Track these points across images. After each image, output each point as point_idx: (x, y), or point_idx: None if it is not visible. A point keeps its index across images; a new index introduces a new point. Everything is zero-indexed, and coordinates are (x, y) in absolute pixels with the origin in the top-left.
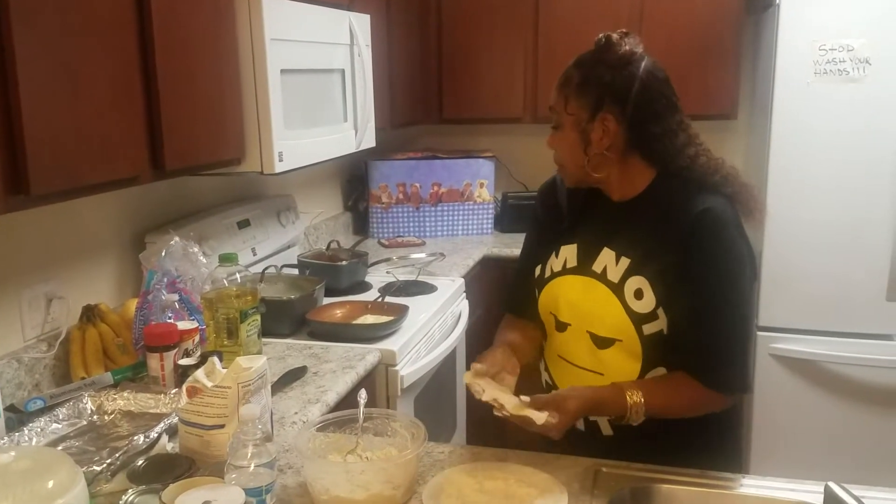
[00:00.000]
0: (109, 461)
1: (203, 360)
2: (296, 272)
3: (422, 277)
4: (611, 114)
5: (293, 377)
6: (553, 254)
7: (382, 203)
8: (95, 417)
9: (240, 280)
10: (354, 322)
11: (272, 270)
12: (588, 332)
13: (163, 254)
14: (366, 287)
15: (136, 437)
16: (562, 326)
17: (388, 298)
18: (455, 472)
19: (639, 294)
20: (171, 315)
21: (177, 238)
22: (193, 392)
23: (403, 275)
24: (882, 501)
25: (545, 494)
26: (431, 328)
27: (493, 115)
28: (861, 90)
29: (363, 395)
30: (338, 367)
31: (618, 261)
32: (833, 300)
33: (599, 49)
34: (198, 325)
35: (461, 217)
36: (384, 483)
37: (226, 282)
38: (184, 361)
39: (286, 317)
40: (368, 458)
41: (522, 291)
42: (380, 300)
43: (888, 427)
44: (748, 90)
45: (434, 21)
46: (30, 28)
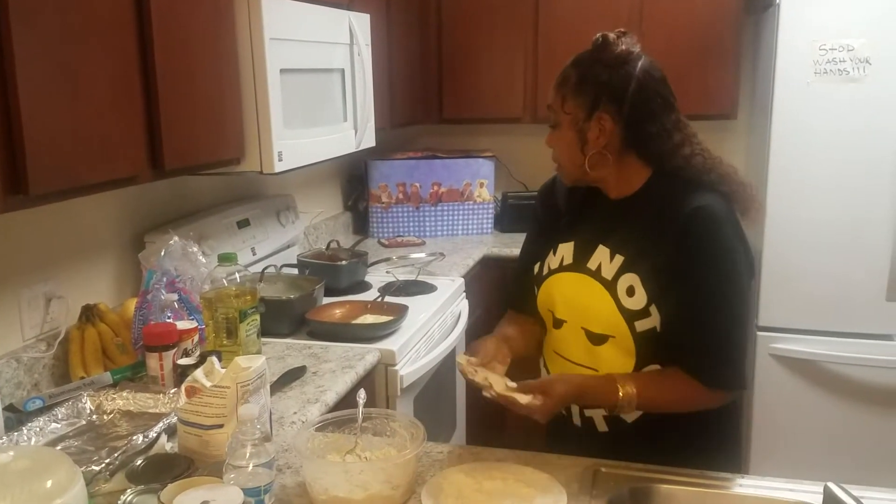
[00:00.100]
0: (108, 461)
1: (202, 360)
2: (295, 272)
3: (421, 277)
4: (607, 113)
5: (292, 377)
6: (551, 251)
7: (382, 203)
8: (94, 417)
9: (239, 280)
10: (354, 322)
11: (272, 270)
12: (583, 329)
13: (162, 253)
14: (365, 287)
15: (135, 437)
16: (558, 323)
17: (388, 298)
18: (454, 472)
19: (630, 291)
20: (171, 315)
21: (176, 238)
22: (192, 392)
23: (403, 274)
24: (881, 502)
25: (544, 494)
26: (431, 328)
27: (493, 115)
28: (861, 90)
29: (362, 395)
30: (337, 367)
31: (612, 258)
32: (833, 300)
33: (596, 48)
34: (197, 325)
35: (461, 217)
36: (383, 483)
37: (225, 281)
38: (183, 361)
39: (285, 316)
40: (367, 458)
41: (522, 288)
42: (379, 300)
43: (888, 427)
44: (748, 90)
45: (434, 21)
46: (29, 28)
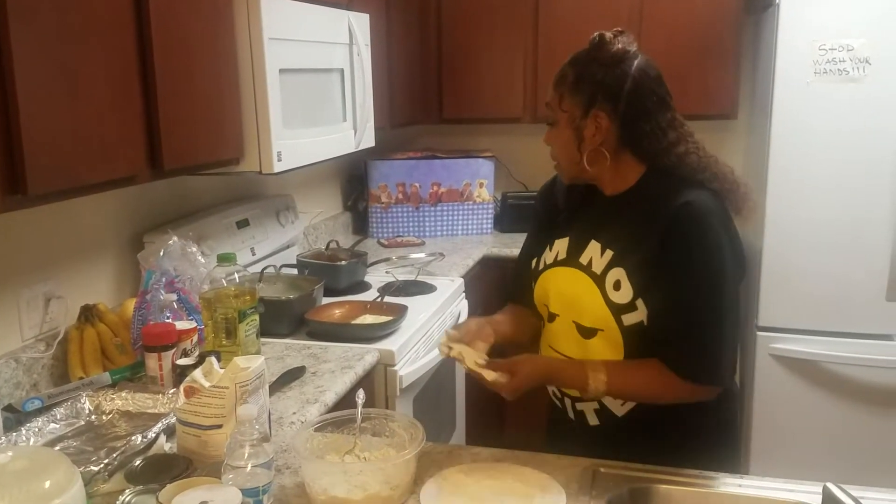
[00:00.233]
0: (107, 461)
1: (201, 360)
2: (295, 272)
3: (421, 277)
4: (603, 111)
5: (291, 377)
6: (548, 247)
7: (382, 203)
8: (93, 417)
9: (238, 280)
10: (353, 322)
11: (271, 270)
12: (574, 323)
13: (161, 253)
14: (365, 287)
15: (134, 437)
16: (552, 317)
17: (388, 298)
18: (453, 472)
19: (617, 285)
20: (170, 315)
21: (175, 238)
22: (191, 392)
23: (403, 275)
24: (880, 502)
25: (543, 494)
26: (430, 328)
27: (493, 115)
28: (861, 90)
29: (361, 396)
30: (336, 367)
31: (602, 253)
32: (833, 300)
33: (593, 47)
34: (196, 325)
35: (461, 217)
36: (382, 483)
37: (224, 282)
38: (182, 361)
39: (285, 317)
40: (366, 459)
41: (521, 283)
42: (379, 300)
43: (888, 427)
44: (748, 90)
45: (434, 21)
46: (27, 27)
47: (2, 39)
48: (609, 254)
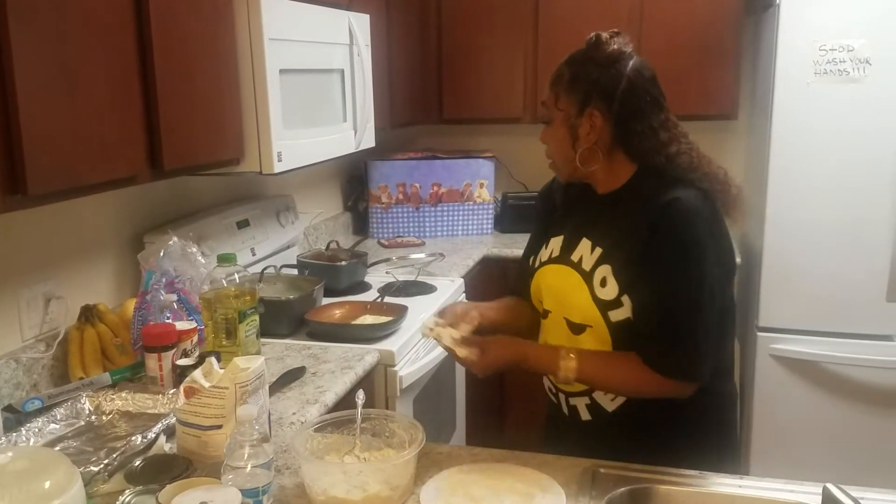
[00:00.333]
0: (107, 461)
1: (201, 361)
2: (295, 272)
3: (421, 278)
4: (597, 110)
5: (291, 377)
6: (544, 245)
7: (382, 203)
8: (93, 418)
9: (238, 280)
10: (353, 322)
11: (271, 271)
12: (564, 319)
13: (161, 254)
14: (365, 287)
15: (134, 438)
16: (545, 313)
17: (388, 299)
18: (453, 473)
19: (604, 282)
20: (170, 315)
21: (175, 238)
22: (191, 392)
23: (403, 275)
24: (880, 503)
25: (543, 495)
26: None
27: (493, 115)
28: (861, 90)
29: (361, 396)
30: (336, 368)
31: (592, 250)
32: (833, 300)
33: (589, 47)
34: (196, 326)
35: (461, 217)
36: (382, 484)
37: (224, 282)
38: (182, 362)
39: (285, 317)
40: (366, 459)
41: (522, 280)
42: (379, 300)
43: (888, 428)
44: (748, 90)
45: (434, 21)
46: (27, 27)
47: (2, 39)
48: (598, 251)
